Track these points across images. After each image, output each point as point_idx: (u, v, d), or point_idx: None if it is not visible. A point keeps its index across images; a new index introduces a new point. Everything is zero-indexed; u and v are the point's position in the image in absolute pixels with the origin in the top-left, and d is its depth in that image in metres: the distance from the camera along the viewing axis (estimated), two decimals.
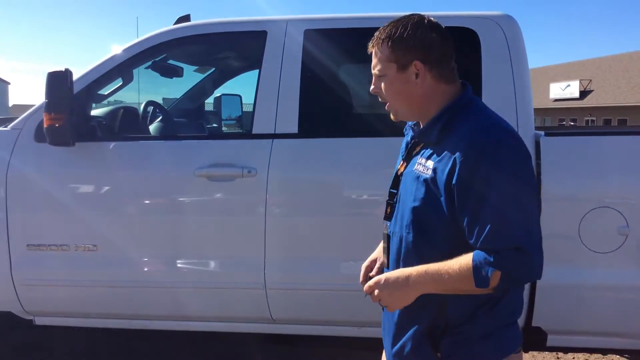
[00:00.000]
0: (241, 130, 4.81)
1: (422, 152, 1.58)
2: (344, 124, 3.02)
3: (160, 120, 3.71)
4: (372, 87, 1.65)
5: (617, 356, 3.66)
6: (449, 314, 1.53)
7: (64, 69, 2.67)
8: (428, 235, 1.52)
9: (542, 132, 2.81)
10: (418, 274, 1.47)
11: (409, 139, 1.70)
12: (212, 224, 2.88)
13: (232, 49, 3.62)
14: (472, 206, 1.42)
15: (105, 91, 3.27)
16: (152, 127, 3.62)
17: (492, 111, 1.59)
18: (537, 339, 2.76)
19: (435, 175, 1.48)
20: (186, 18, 3.25)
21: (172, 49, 3.20)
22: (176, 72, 3.80)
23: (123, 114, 3.25)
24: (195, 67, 4.31)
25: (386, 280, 1.52)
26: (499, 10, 2.94)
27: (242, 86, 4.94)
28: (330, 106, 2.98)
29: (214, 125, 4.75)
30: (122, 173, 2.93)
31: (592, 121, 32.37)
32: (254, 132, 2.86)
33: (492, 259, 1.39)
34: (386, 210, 1.67)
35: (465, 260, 1.42)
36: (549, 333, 2.74)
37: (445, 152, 1.48)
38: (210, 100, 5.00)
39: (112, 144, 2.96)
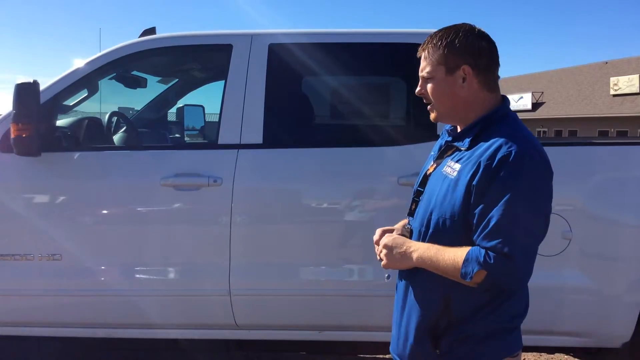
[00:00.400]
0: (205, 141, 4.87)
1: (453, 155, 1.70)
2: (306, 135, 3.14)
3: (125, 131, 3.75)
4: (418, 88, 1.76)
5: (565, 355, 3.87)
6: (453, 312, 1.63)
7: (32, 81, 2.71)
8: (442, 232, 1.63)
9: None
10: (420, 250, 1.63)
11: (442, 142, 1.81)
12: (178, 232, 2.94)
13: (198, 61, 3.70)
14: (484, 204, 1.53)
15: (70, 102, 3.30)
16: (117, 137, 3.66)
17: (524, 126, 1.71)
18: None
19: (460, 177, 1.60)
20: (152, 31, 3.32)
21: (138, 60, 3.26)
22: (139, 83, 3.85)
23: (88, 124, 3.28)
24: (159, 78, 4.36)
25: (395, 241, 1.70)
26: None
27: (205, 97, 5.02)
28: (294, 117, 3.10)
29: (177, 135, 4.80)
30: (87, 183, 2.97)
31: (544, 132, 33.43)
32: (219, 142, 2.95)
33: (482, 259, 1.50)
34: (411, 207, 1.80)
35: (460, 252, 1.55)
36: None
37: (473, 157, 1.60)
38: (173, 111, 5.05)
39: (77, 154, 3.00)
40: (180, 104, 4.72)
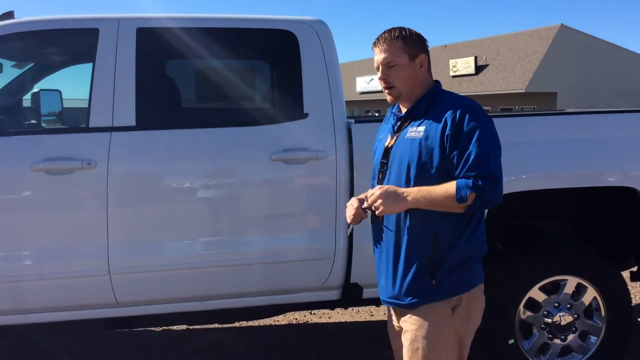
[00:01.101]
0: (64, 126, 4.73)
1: (411, 124, 2.11)
2: (179, 116, 3.26)
3: None
4: (379, 74, 2.14)
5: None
6: (441, 245, 2.04)
7: None
8: (423, 179, 2.03)
9: (352, 120, 3.32)
10: (413, 192, 2.01)
11: (393, 122, 2.20)
12: (53, 216, 2.94)
13: (63, 45, 3.61)
14: (460, 145, 1.97)
15: None
16: None
17: None
18: (355, 293, 3.28)
19: (428, 134, 2.02)
20: (10, 15, 3.20)
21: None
22: None
23: None
24: (14, 63, 4.16)
25: (387, 189, 2.04)
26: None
27: (62, 82, 4.85)
28: (166, 100, 3.20)
29: (33, 121, 4.61)
30: None
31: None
32: (91, 125, 2.97)
33: (471, 184, 1.94)
34: (378, 177, 2.19)
35: (449, 185, 1.97)
36: (364, 287, 3.27)
37: (433, 118, 2.04)
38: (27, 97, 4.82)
39: None
40: (35, 89, 4.52)
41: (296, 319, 4.80)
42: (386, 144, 2.18)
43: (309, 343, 4.28)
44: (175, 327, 4.59)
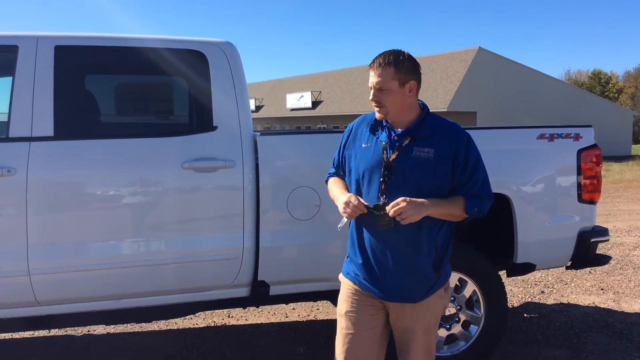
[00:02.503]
0: None
1: (414, 143, 2.36)
2: (96, 128, 3.50)
3: None
4: (371, 96, 2.37)
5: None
6: (438, 249, 2.40)
7: None
8: (435, 194, 2.34)
9: (259, 132, 3.66)
10: (431, 202, 2.30)
11: (390, 135, 2.40)
12: None
13: None
14: (469, 170, 2.36)
15: None
16: None
17: None
18: (262, 291, 3.59)
19: (439, 157, 2.33)
20: None
21: None
22: None
23: None
24: None
25: (412, 200, 2.27)
26: (226, 36, 3.72)
27: None
28: (83, 112, 3.44)
29: None
30: None
31: (324, 128, 36.27)
32: (10, 135, 3.17)
33: (477, 201, 2.37)
34: (381, 187, 2.36)
35: (459, 199, 2.37)
36: (271, 284, 3.59)
37: (440, 142, 2.35)
38: None
39: None
40: None
41: (214, 321, 5.06)
42: (387, 157, 2.37)
43: (225, 342, 4.55)
44: (95, 331, 4.76)
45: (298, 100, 39.02)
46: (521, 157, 3.97)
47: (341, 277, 2.60)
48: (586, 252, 4.03)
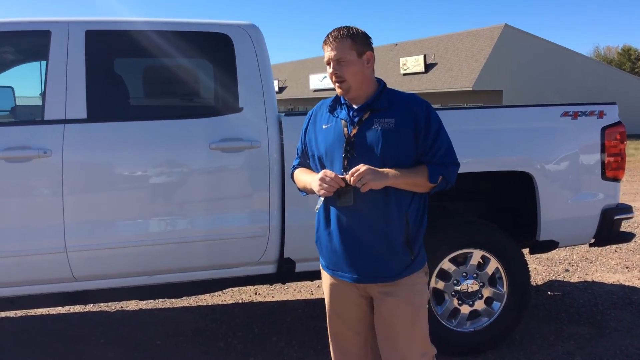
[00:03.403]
0: (16, 119, 4.99)
1: (374, 115, 2.32)
2: (127, 110, 3.61)
3: None
4: (331, 70, 2.33)
5: None
6: (410, 225, 2.32)
7: None
8: (400, 164, 2.28)
9: (283, 113, 3.73)
10: (392, 171, 2.24)
11: (349, 113, 2.37)
12: (13, 200, 3.27)
13: (16, 45, 3.91)
14: (431, 137, 2.31)
15: None
16: None
17: None
18: (288, 268, 3.69)
19: (400, 126, 2.28)
20: None
21: None
22: None
23: None
24: None
25: (370, 167, 2.21)
26: (247, 17, 3.79)
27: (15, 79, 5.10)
28: (115, 94, 3.55)
29: None
30: None
31: None
32: (46, 118, 3.30)
33: (441, 168, 2.31)
34: (344, 163, 2.30)
35: (422, 167, 2.30)
36: (297, 261, 3.70)
37: (400, 112, 2.31)
38: None
39: None
40: None
41: (242, 298, 5.20)
42: (347, 133, 2.33)
43: (253, 318, 4.69)
44: (128, 307, 4.94)
45: (321, 81, 38.90)
46: (544, 135, 3.98)
47: (320, 268, 2.59)
48: (609, 229, 4.04)
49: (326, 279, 2.54)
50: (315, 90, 39.77)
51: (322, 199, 2.36)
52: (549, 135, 3.98)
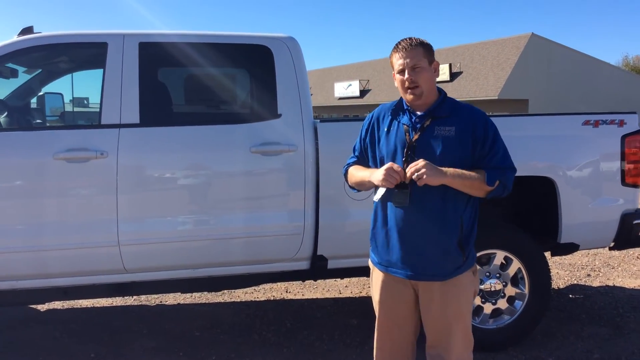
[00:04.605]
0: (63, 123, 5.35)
1: (435, 123, 2.46)
2: (176, 116, 3.93)
3: (7, 115, 4.19)
4: (406, 76, 2.45)
5: None
6: (464, 227, 2.46)
7: None
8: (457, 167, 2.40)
9: (318, 120, 4.00)
10: (450, 170, 2.36)
11: (411, 119, 2.51)
12: (72, 196, 3.59)
13: (77, 56, 4.26)
14: (489, 143, 2.44)
15: None
16: (2, 120, 4.09)
17: None
18: (321, 265, 3.94)
19: (460, 134, 2.42)
20: (29, 29, 3.83)
21: (21, 56, 3.78)
22: (14, 74, 4.30)
23: None
24: (24, 69, 4.76)
25: (430, 164, 2.33)
26: (272, 26, 4.07)
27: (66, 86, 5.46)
28: (165, 101, 3.86)
29: (38, 120, 5.21)
30: None
31: None
32: (102, 122, 3.61)
33: (499, 173, 2.42)
34: (404, 166, 2.41)
35: (480, 171, 2.41)
36: (329, 259, 3.94)
37: (461, 120, 2.45)
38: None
39: None
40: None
41: (273, 296, 5.46)
42: (409, 137, 2.47)
43: (285, 314, 4.94)
44: (167, 302, 5.23)
45: (346, 89, 39.23)
46: (567, 142, 4.17)
47: (370, 264, 2.71)
48: (629, 233, 4.21)
49: (377, 275, 2.65)
50: (340, 98, 40.06)
51: (382, 190, 2.47)
52: (571, 143, 4.17)
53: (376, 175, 2.45)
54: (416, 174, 2.33)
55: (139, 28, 3.94)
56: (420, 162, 2.34)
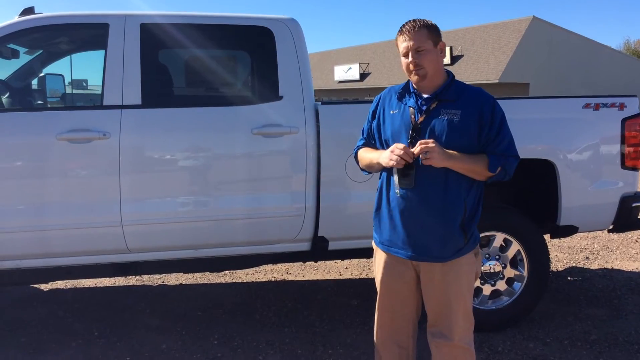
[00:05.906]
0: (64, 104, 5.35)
1: (441, 106, 2.45)
2: (178, 97, 3.93)
3: (9, 96, 4.19)
4: (410, 59, 2.42)
5: None
6: (467, 209, 2.46)
7: None
8: (461, 151, 2.41)
9: (319, 102, 4.00)
10: (455, 153, 2.38)
11: (417, 101, 2.50)
12: (74, 177, 3.62)
13: (77, 36, 4.25)
14: (496, 129, 2.43)
15: None
16: (5, 101, 4.10)
17: None
18: (321, 246, 3.97)
19: (465, 117, 2.41)
20: (30, 10, 3.81)
21: (23, 37, 3.78)
22: (15, 54, 4.29)
23: None
24: (25, 50, 4.75)
25: (439, 146, 2.35)
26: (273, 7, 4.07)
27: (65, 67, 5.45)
28: (166, 83, 3.87)
29: (39, 102, 5.21)
30: None
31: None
32: (105, 103, 3.62)
33: (501, 159, 2.42)
34: (410, 145, 2.42)
35: (483, 156, 2.42)
36: (330, 240, 3.97)
37: (467, 104, 2.43)
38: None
39: None
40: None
41: (274, 277, 5.51)
42: (415, 120, 2.48)
43: (285, 295, 4.99)
44: (169, 282, 5.28)
45: (346, 72, 39.04)
46: (567, 125, 4.18)
47: (373, 244, 2.73)
48: (628, 216, 4.24)
49: (379, 255, 2.68)
50: (340, 82, 39.90)
51: (396, 179, 2.48)
52: (572, 126, 4.18)
53: (383, 156, 2.48)
54: (425, 152, 2.34)
55: (138, 10, 3.93)
56: (431, 143, 2.35)
